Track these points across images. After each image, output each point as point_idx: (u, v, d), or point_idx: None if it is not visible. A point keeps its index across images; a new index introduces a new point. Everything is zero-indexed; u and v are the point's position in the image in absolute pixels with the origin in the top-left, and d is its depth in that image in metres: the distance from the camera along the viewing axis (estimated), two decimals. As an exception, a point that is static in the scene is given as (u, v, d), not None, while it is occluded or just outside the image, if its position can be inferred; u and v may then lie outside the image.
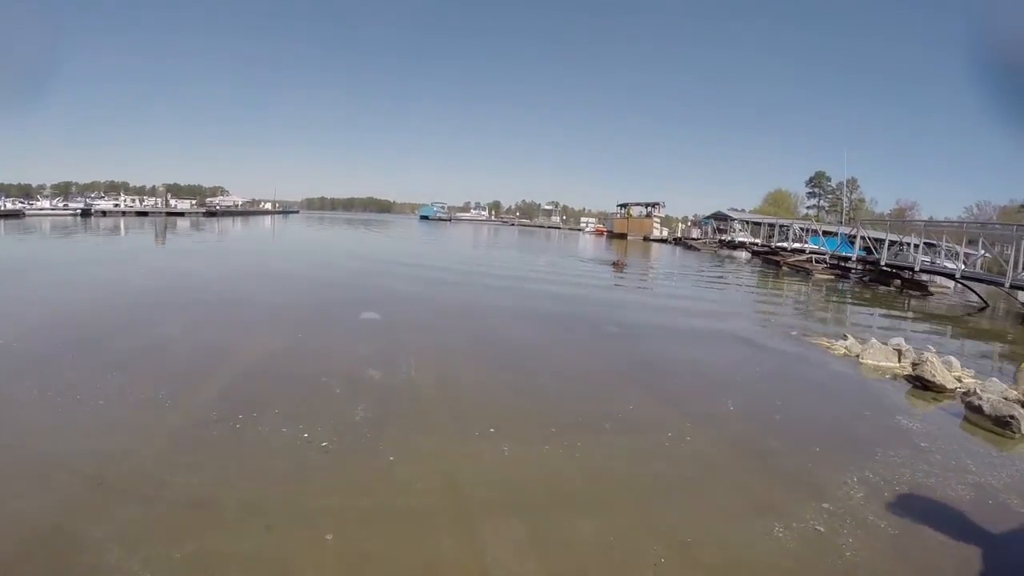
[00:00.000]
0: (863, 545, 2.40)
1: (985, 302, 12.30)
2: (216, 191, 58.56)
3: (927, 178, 78.97)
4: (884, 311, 10.67)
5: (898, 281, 14.87)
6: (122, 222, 29.76)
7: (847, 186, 46.96)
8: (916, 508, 2.77)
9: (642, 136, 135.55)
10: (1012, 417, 3.78)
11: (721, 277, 16.41)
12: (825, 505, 2.74)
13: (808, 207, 53.51)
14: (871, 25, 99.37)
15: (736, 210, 46.41)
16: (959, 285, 13.61)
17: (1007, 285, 10.45)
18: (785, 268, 20.01)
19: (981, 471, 3.26)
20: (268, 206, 59.14)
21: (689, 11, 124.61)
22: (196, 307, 6.82)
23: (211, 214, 42.40)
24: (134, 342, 4.85)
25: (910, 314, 10.58)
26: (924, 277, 14.47)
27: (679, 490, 2.86)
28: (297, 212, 65.85)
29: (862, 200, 47.67)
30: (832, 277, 17.01)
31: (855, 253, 17.43)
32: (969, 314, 11.05)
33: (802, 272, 18.53)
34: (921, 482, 3.08)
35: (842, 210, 42.78)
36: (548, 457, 3.12)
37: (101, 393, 3.60)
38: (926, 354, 4.94)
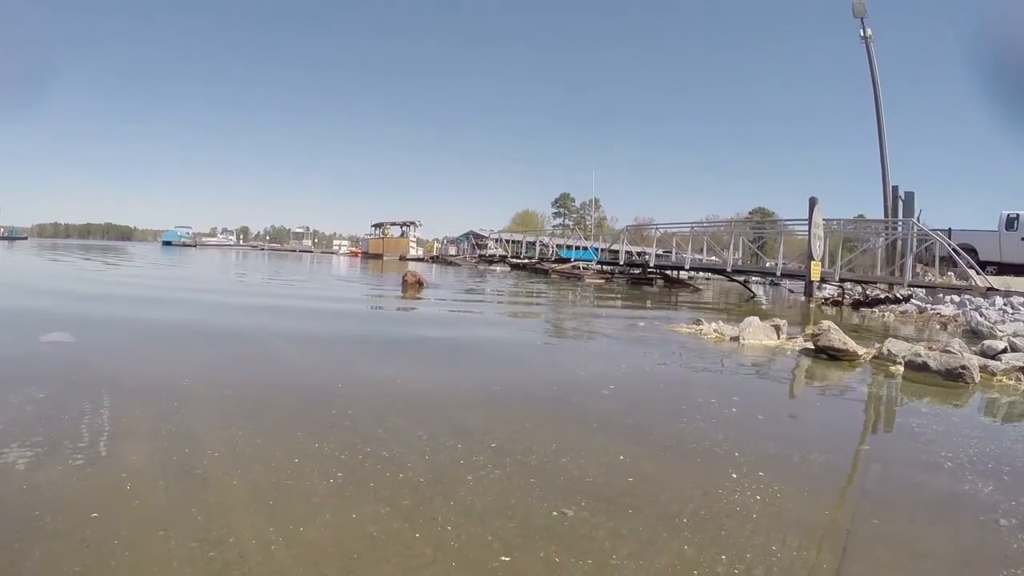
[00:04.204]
0: None
1: (752, 292, 14.52)
2: (-71, 213, 45.35)
3: (660, 196, 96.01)
4: (687, 299, 11.58)
5: (661, 281, 16.77)
6: None
7: (593, 206, 53.94)
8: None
9: (392, 163, 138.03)
10: (964, 368, 3.75)
11: (512, 287, 16.40)
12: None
13: (554, 225, 59.82)
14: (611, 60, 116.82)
15: (485, 230, 49.00)
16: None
17: (779, 273, 12.34)
18: (555, 276, 21.19)
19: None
20: None
21: (433, 36, 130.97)
22: None
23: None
24: None
25: (709, 303, 11.72)
26: (684, 276, 16.59)
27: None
28: (26, 239, 55.56)
29: (604, 218, 55.31)
30: (602, 281, 18.50)
31: (621, 260, 19.28)
32: (747, 300, 12.86)
33: (572, 278, 19.76)
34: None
35: (585, 227, 48.50)
36: None
37: None
38: (824, 323, 4.86)
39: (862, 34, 15.87)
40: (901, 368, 4.14)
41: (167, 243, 59.95)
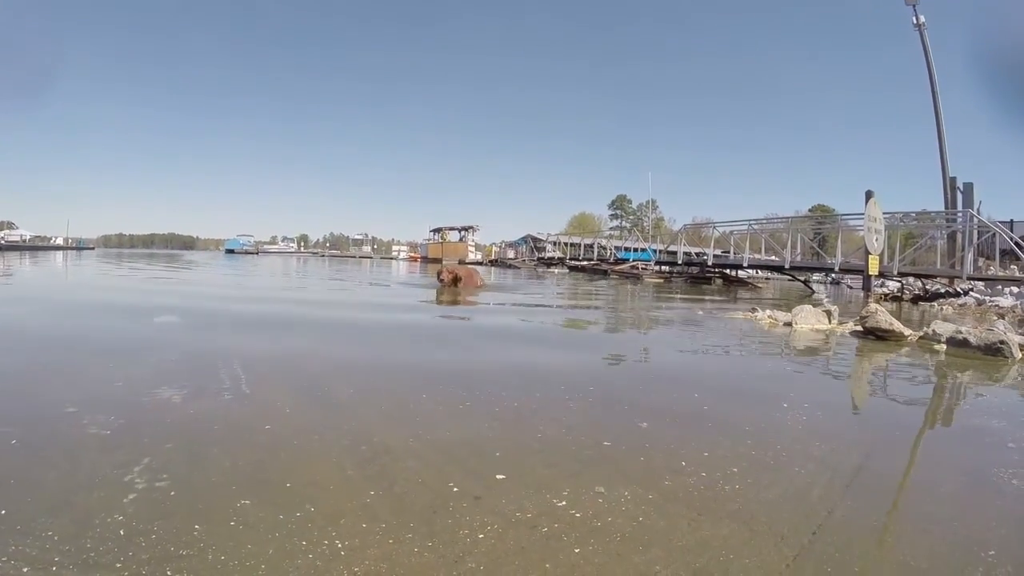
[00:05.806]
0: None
1: (811, 288, 14.56)
2: (2, 226, 50.36)
3: (718, 197, 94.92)
4: (746, 297, 11.86)
5: (720, 280, 16.92)
6: None
7: (650, 207, 53.66)
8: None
9: (448, 170, 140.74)
10: (1002, 343, 4.05)
11: (573, 285, 16.96)
12: None
13: (611, 228, 59.70)
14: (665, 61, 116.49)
15: (542, 233, 49.62)
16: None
17: (837, 268, 12.41)
18: (614, 276, 21.55)
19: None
20: (60, 241, 55.38)
21: (490, 47, 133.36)
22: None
23: (-7, 250, 34.08)
24: None
25: (767, 299, 11.93)
26: (743, 275, 16.70)
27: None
28: (92, 249, 58.50)
29: (661, 219, 54.67)
30: (661, 280, 18.75)
31: (679, 259, 19.50)
32: (806, 297, 12.97)
33: (632, 278, 20.08)
34: None
35: (643, 228, 48.29)
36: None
37: None
38: (872, 306, 5.21)
39: (915, 22, 15.56)
40: (944, 346, 4.48)
41: (230, 251, 61.78)
